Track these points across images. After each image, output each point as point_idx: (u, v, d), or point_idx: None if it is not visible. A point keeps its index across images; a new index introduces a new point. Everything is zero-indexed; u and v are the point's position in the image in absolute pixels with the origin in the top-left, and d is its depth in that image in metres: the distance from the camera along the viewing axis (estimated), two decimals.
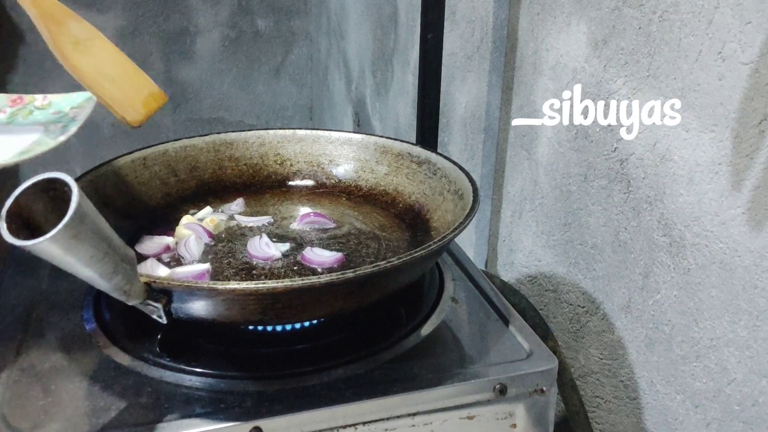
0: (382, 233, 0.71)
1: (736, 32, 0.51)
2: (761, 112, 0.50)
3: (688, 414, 0.61)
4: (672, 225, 0.60)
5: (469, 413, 0.55)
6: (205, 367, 0.55)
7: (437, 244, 0.56)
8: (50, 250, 0.39)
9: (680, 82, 0.57)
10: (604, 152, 0.68)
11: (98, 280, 0.44)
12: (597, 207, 0.70)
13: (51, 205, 0.40)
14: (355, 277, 0.51)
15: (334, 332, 0.61)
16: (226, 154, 0.81)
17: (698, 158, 0.56)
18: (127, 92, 0.65)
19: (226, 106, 2.02)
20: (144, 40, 1.89)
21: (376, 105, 1.46)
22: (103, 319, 0.62)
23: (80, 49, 0.63)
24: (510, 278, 0.91)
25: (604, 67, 0.67)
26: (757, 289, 0.52)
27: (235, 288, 0.49)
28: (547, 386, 0.57)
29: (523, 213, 0.86)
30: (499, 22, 0.85)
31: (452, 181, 0.70)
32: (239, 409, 0.51)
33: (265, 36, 1.98)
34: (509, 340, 0.60)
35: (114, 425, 0.50)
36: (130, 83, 0.66)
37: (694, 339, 0.59)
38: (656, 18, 0.60)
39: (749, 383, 0.54)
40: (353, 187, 0.80)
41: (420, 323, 0.62)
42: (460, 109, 1.02)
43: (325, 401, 0.52)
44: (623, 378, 0.69)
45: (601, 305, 0.71)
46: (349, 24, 1.61)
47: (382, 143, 0.79)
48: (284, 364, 0.57)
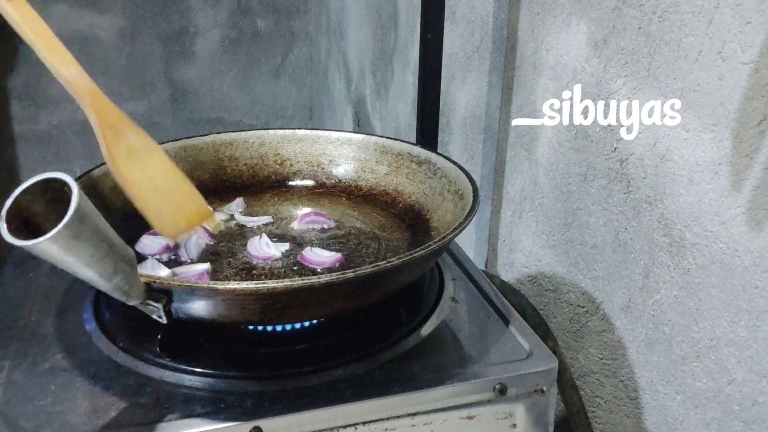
0: (382, 233, 0.71)
1: (736, 32, 0.51)
2: (761, 112, 0.50)
3: (688, 414, 0.61)
4: (672, 225, 0.60)
5: (469, 413, 0.55)
6: (205, 367, 0.55)
7: (437, 244, 0.56)
8: (50, 250, 0.39)
9: (680, 82, 0.57)
10: (604, 152, 0.68)
11: (98, 280, 0.44)
12: (597, 207, 0.70)
13: (51, 205, 0.40)
14: (355, 277, 0.51)
15: (334, 332, 0.61)
16: (226, 154, 0.81)
17: (698, 158, 0.56)
18: (173, 206, 0.66)
19: (226, 106, 2.02)
20: (144, 40, 1.88)
21: (376, 105, 1.46)
22: (103, 319, 0.62)
23: (134, 160, 0.64)
24: (510, 278, 0.91)
25: (604, 67, 0.67)
26: (757, 289, 0.52)
27: (235, 288, 0.49)
28: (547, 386, 0.57)
29: (523, 213, 0.86)
30: (499, 22, 0.85)
31: (452, 181, 0.70)
32: (239, 409, 0.51)
33: (265, 36, 1.98)
34: (509, 340, 0.60)
35: (114, 425, 0.49)
36: (177, 198, 0.67)
37: (694, 339, 0.59)
38: (656, 18, 0.60)
39: (749, 383, 0.54)
40: (353, 187, 0.80)
41: (420, 323, 0.62)
42: (460, 109, 1.02)
43: (325, 401, 0.52)
44: (623, 378, 0.69)
45: (601, 305, 0.71)
46: (349, 24, 1.61)
47: (382, 143, 0.79)
48: (284, 364, 0.57)
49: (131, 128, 0.66)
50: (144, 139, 0.67)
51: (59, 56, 0.62)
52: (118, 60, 1.88)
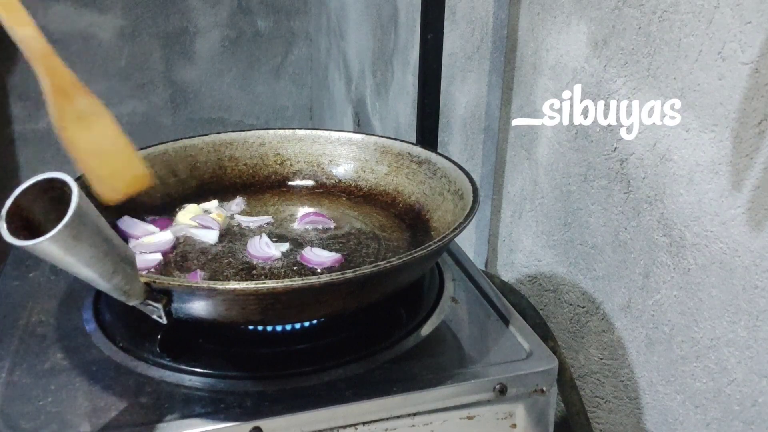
0: (382, 233, 0.71)
1: (736, 32, 0.51)
2: (761, 112, 0.50)
3: (688, 414, 0.61)
4: (672, 225, 0.60)
5: (469, 413, 0.55)
6: (205, 367, 0.55)
7: (437, 244, 0.56)
8: (50, 250, 0.39)
9: (680, 82, 0.57)
10: (604, 152, 0.68)
11: (98, 280, 0.44)
12: (597, 207, 0.70)
13: (51, 205, 0.40)
14: (355, 277, 0.51)
15: (334, 332, 0.61)
16: (226, 154, 0.81)
17: (698, 158, 0.56)
18: (114, 172, 0.66)
19: (226, 106, 2.02)
20: (144, 40, 1.89)
21: (376, 105, 1.46)
22: (103, 319, 0.62)
23: (81, 124, 0.64)
24: (510, 278, 0.91)
25: (604, 67, 0.67)
26: (757, 289, 0.52)
27: (235, 288, 0.49)
28: (547, 386, 0.57)
29: (523, 213, 0.86)
30: (499, 22, 0.85)
31: (452, 181, 0.70)
32: (239, 409, 0.51)
33: (265, 36, 1.98)
34: (509, 340, 0.60)
35: (114, 425, 0.49)
36: (119, 164, 0.67)
37: (694, 339, 0.59)
38: (656, 18, 0.60)
39: (749, 383, 0.54)
40: (353, 187, 0.80)
41: (420, 323, 0.62)
42: (460, 109, 1.02)
43: (325, 401, 0.52)
44: (623, 378, 0.69)
45: (601, 305, 0.71)
46: (349, 24, 1.61)
47: (382, 143, 0.79)
48: (284, 364, 0.57)
49: (83, 93, 0.64)
50: (94, 103, 0.66)
51: (15, 14, 0.60)
52: (118, 60, 1.88)
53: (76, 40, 1.81)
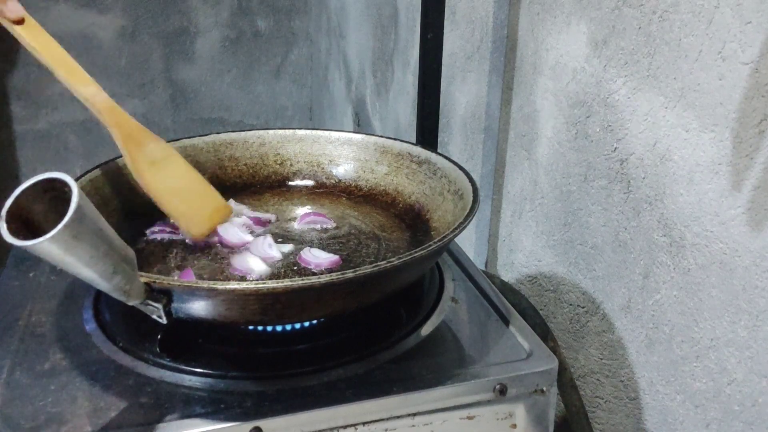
0: (382, 233, 0.71)
1: (736, 32, 0.51)
2: (761, 112, 0.50)
3: (688, 414, 0.61)
4: (672, 225, 0.60)
5: (469, 413, 0.55)
6: (205, 367, 0.55)
7: (437, 244, 0.56)
8: (50, 250, 0.39)
9: (680, 82, 0.57)
10: (604, 152, 0.68)
11: (98, 280, 0.44)
12: (597, 207, 0.70)
13: (51, 205, 0.40)
14: (355, 277, 0.51)
15: (334, 332, 0.61)
16: (226, 154, 0.81)
17: (698, 158, 0.56)
18: (195, 208, 0.69)
19: (226, 106, 2.02)
20: (144, 40, 1.89)
21: (376, 105, 1.46)
22: (103, 319, 0.62)
23: (156, 168, 0.67)
24: (510, 278, 0.91)
25: (604, 67, 0.67)
26: (757, 289, 0.52)
27: (235, 288, 0.49)
28: (547, 386, 0.57)
29: (523, 213, 0.86)
30: (499, 22, 0.85)
31: (452, 181, 0.70)
32: (239, 409, 0.51)
33: (265, 36, 1.98)
34: (509, 340, 0.60)
35: (114, 425, 0.49)
36: (198, 199, 0.70)
37: (694, 339, 0.59)
38: (656, 18, 0.60)
39: (749, 383, 0.54)
40: (353, 187, 0.80)
41: (420, 323, 0.62)
42: (460, 109, 1.02)
43: (325, 401, 0.52)
44: (623, 378, 0.69)
45: (601, 305, 0.71)
46: (349, 24, 1.61)
47: (382, 143, 0.79)
48: (284, 364, 0.57)
49: (151, 138, 0.69)
50: (163, 146, 0.70)
51: (77, 76, 0.64)
52: (118, 60, 1.88)
53: (76, 40, 1.81)
